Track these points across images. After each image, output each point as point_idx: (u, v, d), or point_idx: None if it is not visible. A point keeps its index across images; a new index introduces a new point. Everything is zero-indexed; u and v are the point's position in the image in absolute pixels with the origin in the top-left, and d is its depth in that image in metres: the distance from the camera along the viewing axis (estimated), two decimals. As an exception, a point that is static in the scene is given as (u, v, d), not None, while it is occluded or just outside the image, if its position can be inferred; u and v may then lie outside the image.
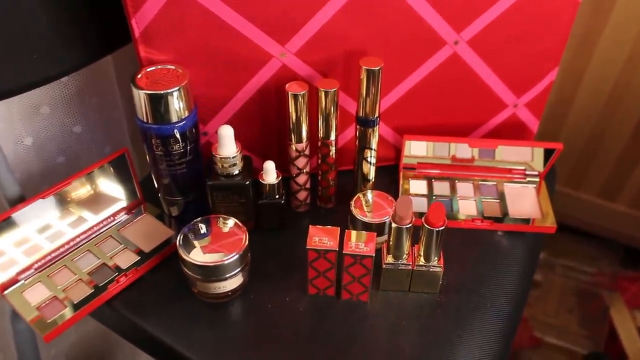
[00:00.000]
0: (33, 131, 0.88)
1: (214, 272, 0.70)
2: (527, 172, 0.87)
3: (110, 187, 0.81)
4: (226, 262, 0.70)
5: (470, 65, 0.80)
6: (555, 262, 1.61)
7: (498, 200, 0.84)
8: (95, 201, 0.81)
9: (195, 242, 0.72)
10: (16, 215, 0.73)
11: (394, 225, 0.69)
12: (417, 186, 0.86)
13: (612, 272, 1.58)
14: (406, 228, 0.69)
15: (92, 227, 0.80)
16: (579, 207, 1.60)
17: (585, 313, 1.50)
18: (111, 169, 0.80)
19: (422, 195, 0.85)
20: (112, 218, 0.81)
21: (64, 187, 0.76)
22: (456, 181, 0.87)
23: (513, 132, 0.88)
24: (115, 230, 0.80)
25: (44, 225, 0.77)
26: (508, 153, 0.86)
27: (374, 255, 0.69)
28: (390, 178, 0.89)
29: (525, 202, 0.84)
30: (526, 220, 0.82)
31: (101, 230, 0.80)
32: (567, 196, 1.59)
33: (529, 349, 1.46)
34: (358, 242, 0.69)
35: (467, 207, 0.84)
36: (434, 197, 0.85)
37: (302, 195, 0.82)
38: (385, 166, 0.90)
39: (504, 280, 0.78)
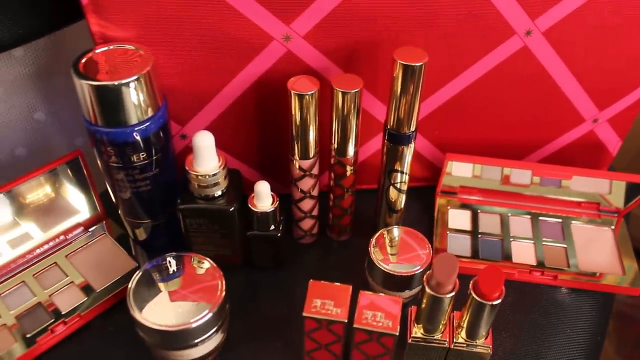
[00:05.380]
0: (-17, 116, 0.64)
1: (176, 339, 0.46)
2: (601, 208, 0.60)
3: (66, 196, 0.57)
4: (194, 325, 0.45)
5: (544, 64, 0.53)
6: (588, 278, 1.33)
7: (564, 245, 0.58)
8: (46, 213, 0.57)
9: (160, 285, 0.48)
10: None
11: (428, 291, 0.44)
12: (459, 218, 0.60)
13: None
14: (446, 298, 0.44)
15: (36, 248, 0.56)
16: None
17: (621, 339, 1.23)
18: (68, 173, 0.56)
19: (465, 232, 0.59)
20: (63, 236, 0.57)
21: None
22: (509, 215, 0.61)
23: (586, 153, 0.61)
24: (63, 256, 0.56)
25: (-23, 241, 0.53)
26: (579, 182, 0.59)
27: (397, 333, 0.44)
28: (422, 205, 0.63)
29: (600, 249, 0.58)
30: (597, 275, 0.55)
31: (46, 253, 0.56)
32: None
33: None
34: (376, 312, 0.44)
35: (522, 251, 0.57)
36: (479, 236, 0.59)
37: (306, 224, 0.57)
38: (416, 188, 0.64)
39: (572, 356, 0.52)
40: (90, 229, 0.58)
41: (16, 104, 0.65)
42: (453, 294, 0.43)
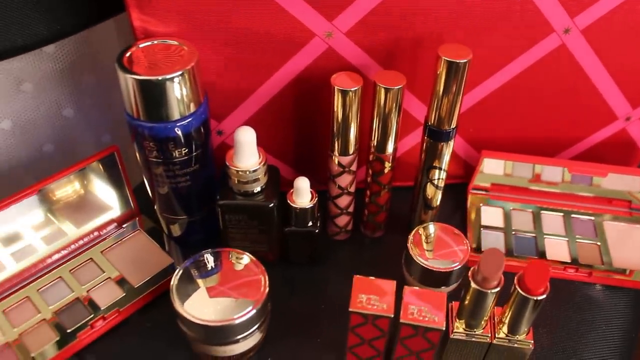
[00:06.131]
0: (12, 112, 0.64)
1: (220, 334, 0.46)
2: (632, 206, 0.61)
3: (98, 192, 0.57)
4: (237, 321, 0.45)
5: (580, 62, 0.53)
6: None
7: (597, 243, 0.58)
8: (79, 209, 0.57)
9: (200, 281, 0.48)
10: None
11: (474, 286, 0.44)
12: (491, 215, 0.60)
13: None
14: (491, 293, 0.44)
15: (71, 244, 0.56)
16: None
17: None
18: (100, 169, 0.56)
19: (498, 229, 0.59)
20: (97, 232, 0.57)
21: (32, 195, 0.52)
22: (541, 211, 0.61)
23: (616, 151, 0.62)
24: (99, 252, 0.56)
25: (12, 235, 0.53)
26: (610, 180, 0.59)
27: (444, 328, 0.44)
28: (454, 202, 0.63)
29: (633, 246, 0.58)
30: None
31: (81, 249, 0.56)
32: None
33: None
34: (422, 307, 0.45)
35: (556, 248, 0.57)
36: (513, 232, 0.59)
37: (342, 220, 0.57)
38: (447, 185, 0.64)
39: (609, 354, 0.52)
40: (123, 225, 0.58)
41: (45, 100, 0.65)
42: (498, 289, 0.44)
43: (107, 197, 0.58)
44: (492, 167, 0.60)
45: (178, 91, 0.46)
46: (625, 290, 0.56)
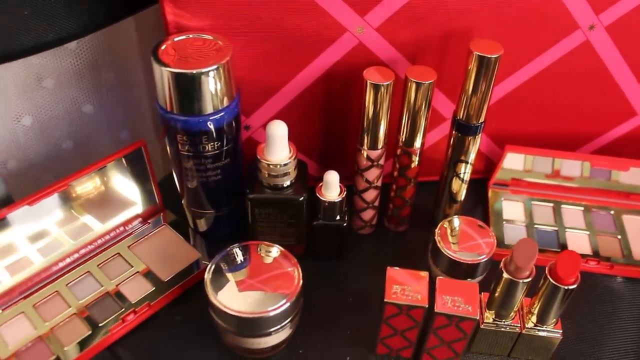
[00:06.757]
0: (33, 109, 0.64)
1: (254, 326, 0.46)
2: (650, 199, 0.62)
3: (123, 187, 0.57)
4: (272, 313, 0.46)
5: (603, 58, 0.55)
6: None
7: (618, 236, 0.60)
8: (104, 204, 0.57)
9: (229, 275, 0.48)
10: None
11: (505, 276, 0.45)
12: (512, 209, 0.61)
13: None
14: (523, 283, 0.45)
15: (97, 239, 0.56)
16: None
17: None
18: (125, 164, 0.56)
19: (520, 223, 0.60)
20: (122, 228, 0.58)
21: (62, 189, 0.52)
22: (562, 205, 0.62)
23: (634, 146, 0.63)
24: (125, 247, 0.56)
25: (38, 232, 0.53)
26: (628, 174, 0.61)
27: (477, 318, 0.45)
28: (475, 197, 0.64)
29: (652, 239, 0.60)
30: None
31: (108, 244, 0.56)
32: None
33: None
34: (455, 297, 0.46)
35: (577, 241, 0.59)
36: (535, 226, 0.60)
37: (367, 214, 0.58)
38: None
39: (630, 344, 0.54)
40: (149, 221, 0.59)
41: (65, 96, 0.66)
42: (530, 279, 0.45)
43: (132, 192, 0.58)
44: (513, 162, 0.61)
45: (213, 85, 0.46)
46: (641, 281, 0.58)
